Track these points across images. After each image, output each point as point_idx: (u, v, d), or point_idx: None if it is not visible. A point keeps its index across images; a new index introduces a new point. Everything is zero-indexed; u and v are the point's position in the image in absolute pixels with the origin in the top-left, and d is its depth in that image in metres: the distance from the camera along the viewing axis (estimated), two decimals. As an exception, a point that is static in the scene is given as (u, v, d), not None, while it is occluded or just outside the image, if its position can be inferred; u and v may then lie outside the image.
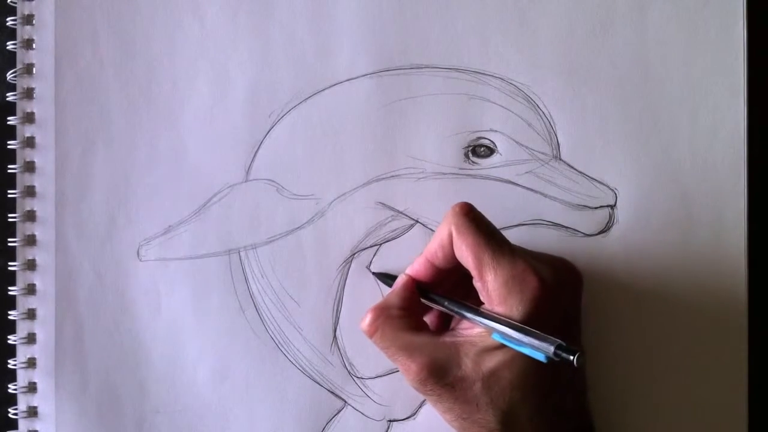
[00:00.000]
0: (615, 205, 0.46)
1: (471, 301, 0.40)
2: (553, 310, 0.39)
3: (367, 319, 0.41)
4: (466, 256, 0.39)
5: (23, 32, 0.47)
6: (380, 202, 0.46)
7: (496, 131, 0.46)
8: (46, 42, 0.47)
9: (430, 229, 0.46)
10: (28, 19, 0.47)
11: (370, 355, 0.46)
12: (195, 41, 0.47)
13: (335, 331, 0.46)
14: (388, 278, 0.45)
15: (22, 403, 0.46)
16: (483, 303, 0.40)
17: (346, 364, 0.46)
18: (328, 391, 0.46)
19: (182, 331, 0.46)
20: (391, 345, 0.40)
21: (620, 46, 0.47)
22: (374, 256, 0.46)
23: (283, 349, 0.46)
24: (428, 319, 0.43)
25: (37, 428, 0.46)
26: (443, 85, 0.47)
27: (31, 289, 0.46)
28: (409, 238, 0.46)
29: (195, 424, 0.46)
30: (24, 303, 0.46)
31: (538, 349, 0.36)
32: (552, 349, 0.36)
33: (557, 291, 0.39)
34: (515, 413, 0.38)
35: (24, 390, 0.46)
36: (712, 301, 0.46)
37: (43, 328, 0.46)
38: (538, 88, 0.47)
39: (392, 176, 0.46)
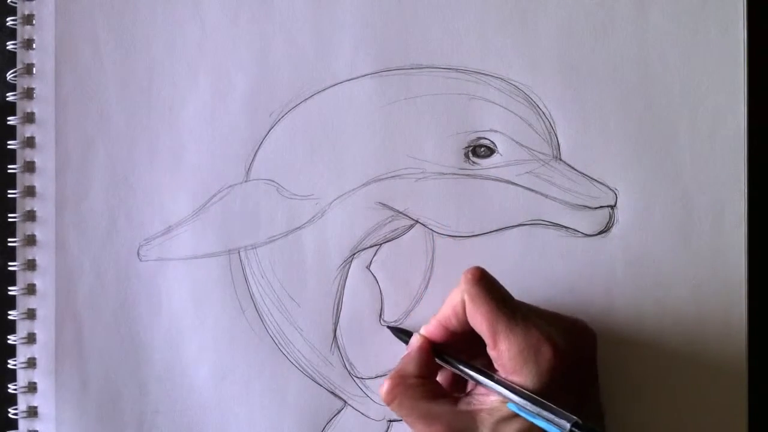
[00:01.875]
0: (615, 205, 0.46)
1: (486, 362, 0.40)
2: (569, 376, 0.39)
3: (385, 387, 0.40)
4: (479, 324, 0.39)
5: (23, 32, 0.47)
6: (380, 202, 0.46)
7: (496, 131, 0.46)
8: (46, 42, 0.47)
9: (430, 229, 0.46)
10: (28, 19, 0.47)
11: (370, 355, 0.46)
12: (195, 41, 0.47)
13: (335, 331, 0.46)
14: (402, 333, 0.45)
15: (22, 403, 0.46)
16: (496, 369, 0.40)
17: (346, 364, 0.46)
18: (328, 391, 0.46)
19: (182, 331, 0.46)
20: (409, 413, 0.40)
21: (620, 46, 0.47)
22: (374, 256, 0.46)
23: (283, 349, 0.46)
24: (441, 377, 0.43)
25: (37, 428, 0.46)
26: (443, 85, 0.47)
27: (31, 289, 0.46)
28: (409, 238, 0.46)
29: (195, 424, 0.46)
30: (24, 303, 0.46)
31: (554, 423, 0.36)
32: (568, 426, 0.36)
33: (572, 357, 0.39)
34: None
35: (24, 390, 0.46)
36: (712, 300, 0.46)
37: (43, 328, 0.46)
38: (538, 88, 0.47)
39: (392, 176, 0.46)
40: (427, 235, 0.46)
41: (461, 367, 0.41)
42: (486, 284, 0.39)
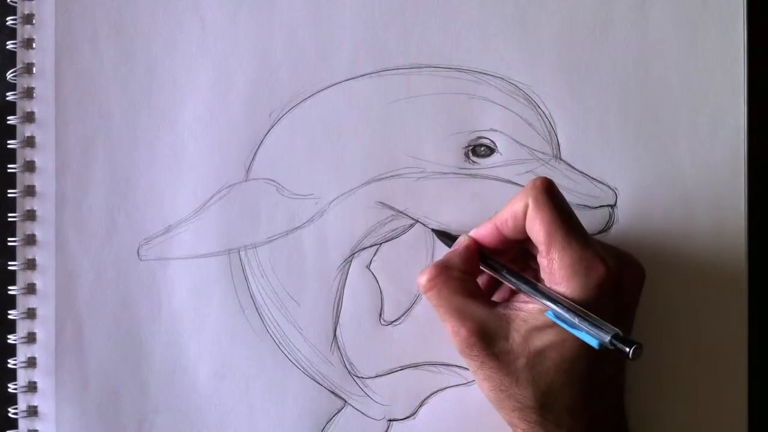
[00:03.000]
0: (615, 205, 0.46)
1: (528, 276, 0.40)
2: (614, 299, 0.39)
3: (426, 275, 0.41)
4: (537, 230, 0.39)
5: (23, 32, 0.47)
6: (380, 202, 0.46)
7: (496, 131, 0.46)
8: (46, 42, 0.47)
9: (430, 229, 0.46)
10: (28, 19, 0.47)
11: (370, 354, 0.46)
12: (195, 41, 0.47)
13: (335, 330, 0.46)
14: (446, 237, 0.45)
15: (22, 403, 0.46)
16: (541, 281, 0.40)
17: (346, 364, 0.46)
18: (328, 390, 0.46)
19: (182, 331, 0.46)
20: (446, 305, 0.40)
21: (620, 46, 0.47)
22: (374, 255, 0.46)
23: (283, 349, 0.46)
24: (480, 284, 0.43)
25: (37, 428, 0.46)
26: (443, 85, 0.47)
27: (31, 289, 0.46)
28: (409, 237, 0.46)
29: (195, 424, 0.46)
30: (24, 303, 0.46)
31: (593, 335, 0.36)
32: (608, 337, 0.35)
33: (621, 282, 0.39)
34: (554, 396, 0.38)
35: (24, 390, 0.46)
36: (712, 300, 0.46)
37: (43, 328, 0.46)
38: (538, 88, 0.47)
39: (392, 176, 0.46)
40: (427, 234, 0.46)
41: (505, 273, 0.41)
42: (553, 193, 0.40)
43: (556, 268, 0.39)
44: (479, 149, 0.46)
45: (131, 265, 0.46)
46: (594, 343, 0.36)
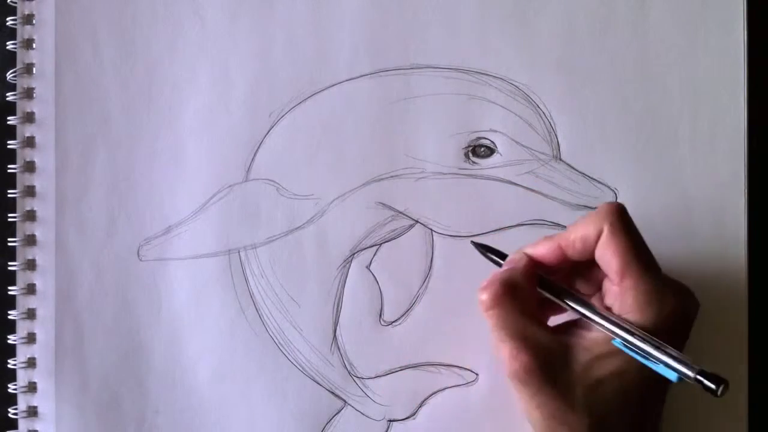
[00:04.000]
0: (615, 205, 0.46)
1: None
2: (680, 331, 0.39)
3: (490, 293, 0.39)
4: (611, 257, 0.38)
5: (23, 32, 0.47)
6: (380, 202, 0.46)
7: (496, 131, 0.46)
8: (46, 42, 0.47)
9: (430, 229, 0.46)
10: (28, 19, 0.47)
11: (370, 355, 0.46)
12: (195, 41, 0.47)
13: (335, 331, 0.46)
14: (492, 253, 0.43)
15: (22, 403, 0.46)
16: (607, 307, 0.39)
17: (346, 364, 0.46)
18: (328, 391, 0.46)
19: (182, 331, 0.46)
20: (506, 327, 0.38)
21: (620, 46, 0.47)
22: (374, 256, 0.46)
23: (283, 349, 0.46)
24: None
25: (37, 428, 0.46)
26: (443, 85, 0.47)
27: (31, 289, 0.46)
28: (409, 238, 0.46)
29: (195, 424, 0.46)
30: (24, 303, 0.46)
31: (673, 368, 0.36)
32: (693, 373, 0.35)
33: (687, 314, 0.39)
34: (609, 424, 0.38)
35: (24, 390, 0.46)
36: (712, 301, 0.46)
37: (43, 328, 0.46)
38: (538, 88, 0.47)
39: (392, 176, 0.46)
40: (426, 235, 0.46)
41: (568, 300, 0.39)
42: (628, 220, 0.39)
43: (630, 296, 0.38)
44: (479, 150, 0.46)
45: (131, 265, 0.46)
46: (673, 377, 0.36)
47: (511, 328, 0.38)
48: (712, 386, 0.34)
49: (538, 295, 0.41)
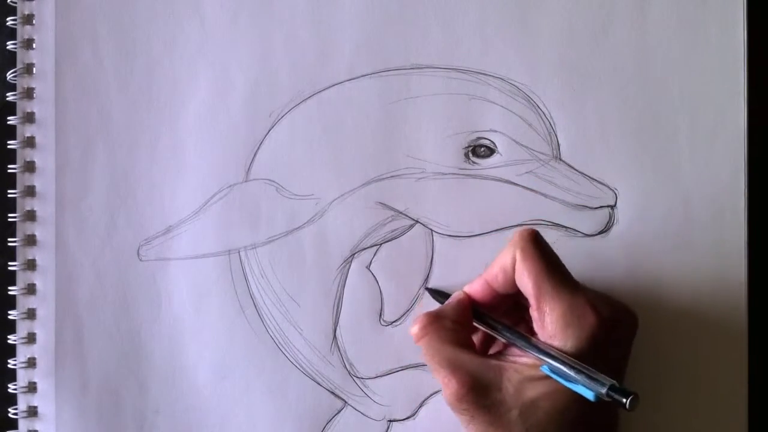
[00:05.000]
0: (615, 205, 0.46)
1: (522, 329, 0.40)
2: (607, 349, 0.39)
3: (418, 324, 0.41)
4: (526, 282, 0.39)
5: (23, 32, 0.47)
6: (380, 202, 0.46)
7: (496, 131, 0.46)
8: (46, 42, 0.47)
9: (430, 229, 0.46)
10: (28, 19, 0.47)
11: (370, 355, 0.46)
12: (195, 41, 0.47)
13: (335, 331, 0.46)
14: (440, 296, 0.45)
15: (22, 403, 0.46)
16: (535, 333, 0.40)
17: (346, 364, 0.46)
18: (328, 391, 0.46)
19: (182, 331, 0.46)
20: (436, 355, 0.40)
21: (620, 46, 0.47)
22: (374, 256, 0.46)
23: (283, 349, 0.46)
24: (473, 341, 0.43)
25: (37, 428, 0.46)
26: (443, 85, 0.47)
27: (31, 289, 0.46)
28: (409, 238, 0.46)
29: (195, 424, 0.46)
30: (24, 303, 0.46)
31: (589, 387, 0.36)
32: (605, 389, 0.35)
33: (613, 330, 0.39)
34: None
35: (24, 390, 0.46)
36: (712, 301, 0.46)
37: (43, 328, 0.46)
38: (538, 88, 0.47)
39: (392, 176, 0.46)
40: (426, 235, 0.46)
41: (500, 328, 0.41)
42: (539, 245, 0.39)
43: (547, 321, 0.38)
44: (479, 150, 0.46)
45: (131, 266, 0.46)
46: (590, 395, 0.36)
47: (440, 356, 0.39)
48: (622, 400, 0.35)
49: (479, 331, 0.42)
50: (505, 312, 0.43)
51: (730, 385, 0.46)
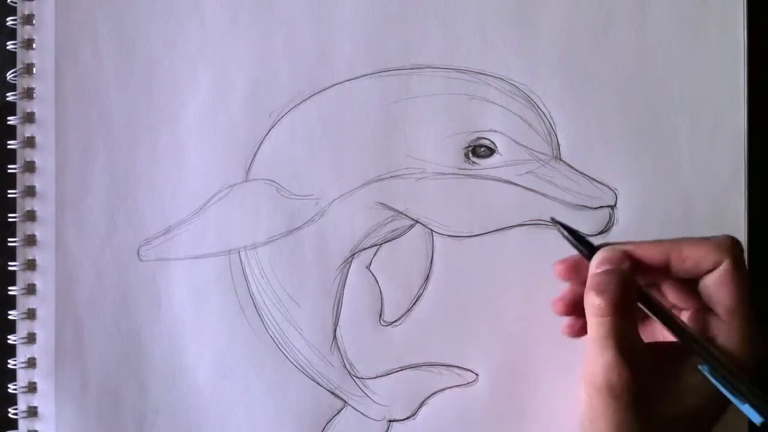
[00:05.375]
0: (615, 205, 0.46)
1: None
2: (765, 377, 0.38)
3: (609, 297, 0.36)
4: (727, 293, 0.38)
5: (23, 32, 0.47)
6: (380, 202, 0.46)
7: (496, 131, 0.46)
8: (46, 42, 0.47)
9: (430, 229, 0.46)
10: (28, 19, 0.47)
11: (370, 355, 0.46)
12: (195, 41, 0.47)
13: (335, 331, 0.46)
14: (575, 237, 0.40)
15: (22, 403, 0.46)
16: (699, 331, 0.39)
17: (346, 364, 0.46)
18: (328, 391, 0.46)
19: (182, 331, 0.46)
20: (617, 338, 0.36)
21: (620, 46, 0.47)
22: (374, 256, 0.46)
23: (283, 349, 0.46)
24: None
25: (37, 428, 0.46)
26: (443, 85, 0.47)
27: (31, 289, 0.46)
28: (409, 238, 0.46)
29: (195, 424, 0.46)
30: (24, 303, 0.46)
31: (759, 410, 0.35)
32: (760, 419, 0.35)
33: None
34: None
35: (24, 390, 0.46)
36: (712, 301, 0.46)
37: (43, 328, 0.46)
38: (538, 88, 0.47)
39: (392, 176, 0.46)
40: (426, 235, 0.46)
41: (671, 321, 0.38)
42: (744, 261, 0.38)
43: (735, 335, 0.37)
44: (479, 150, 0.46)
45: (131, 266, 0.46)
46: (757, 420, 0.35)
47: (621, 340, 0.36)
48: None
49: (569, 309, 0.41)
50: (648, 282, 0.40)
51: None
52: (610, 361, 0.36)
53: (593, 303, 0.37)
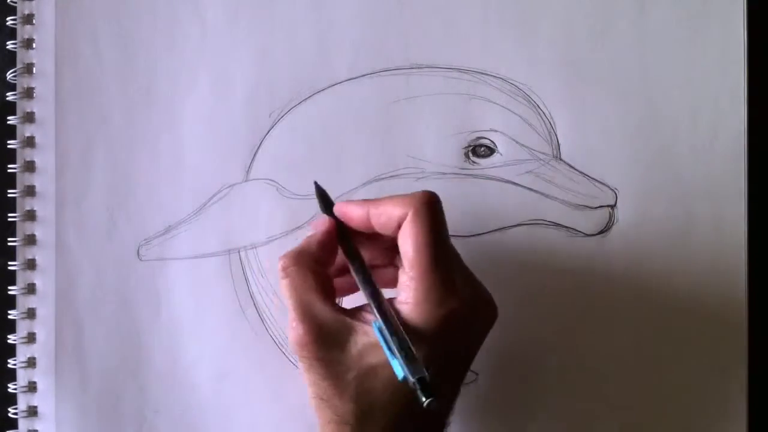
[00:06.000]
0: (615, 205, 0.46)
1: (389, 273, 0.40)
2: (458, 335, 0.38)
3: (282, 262, 0.39)
4: (407, 243, 0.38)
5: (23, 32, 0.47)
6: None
7: (496, 131, 0.46)
8: (46, 42, 0.47)
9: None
10: (28, 19, 0.47)
11: (370, 355, 0.46)
12: (195, 41, 0.47)
13: (335, 331, 0.46)
14: (324, 202, 0.43)
15: (22, 403, 0.46)
16: (397, 293, 0.39)
17: (346, 364, 0.46)
18: (328, 391, 0.46)
19: (182, 331, 0.46)
20: (292, 297, 0.39)
21: (620, 45, 0.47)
22: (374, 256, 0.46)
23: (283, 349, 0.46)
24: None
25: (37, 428, 0.46)
26: (443, 85, 0.47)
27: (31, 289, 0.46)
28: (409, 238, 0.46)
29: (195, 424, 0.46)
30: (24, 303, 0.46)
31: (402, 366, 0.35)
32: (413, 378, 0.34)
33: (470, 320, 0.39)
34: (372, 416, 0.37)
35: (24, 390, 0.46)
36: (712, 301, 0.46)
37: (43, 328, 0.46)
38: (538, 88, 0.47)
39: (392, 176, 0.46)
40: (427, 235, 0.46)
41: (357, 265, 0.39)
42: (435, 211, 0.38)
43: (411, 289, 0.37)
44: (479, 149, 0.46)
45: (131, 265, 0.46)
46: (399, 375, 0.35)
47: (295, 300, 0.38)
48: (422, 398, 0.34)
49: (335, 273, 0.41)
50: (378, 251, 0.41)
51: (729, 384, 0.46)
52: (289, 321, 0.39)
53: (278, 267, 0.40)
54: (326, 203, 0.43)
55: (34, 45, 0.47)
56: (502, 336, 0.46)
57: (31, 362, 0.46)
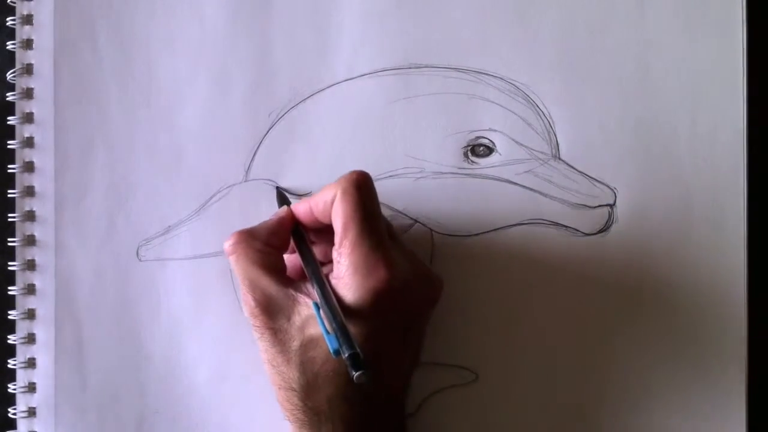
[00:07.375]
0: (614, 205, 0.46)
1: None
2: (392, 309, 0.39)
3: (230, 240, 0.41)
4: (336, 222, 0.39)
5: (23, 32, 0.47)
6: (380, 202, 0.46)
7: (495, 131, 0.46)
8: (45, 42, 0.47)
9: (429, 229, 0.46)
10: (28, 19, 0.47)
11: (369, 355, 0.46)
12: (195, 41, 0.47)
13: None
14: (283, 200, 0.45)
15: (22, 403, 0.46)
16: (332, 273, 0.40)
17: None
18: (328, 391, 0.46)
19: (182, 331, 0.46)
20: (241, 272, 0.40)
21: (620, 45, 0.47)
22: (374, 256, 0.46)
23: (282, 349, 0.46)
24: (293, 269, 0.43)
25: (37, 428, 0.46)
26: (443, 85, 0.47)
27: (31, 289, 0.46)
28: (408, 237, 0.46)
29: (195, 425, 0.46)
30: (24, 303, 0.46)
31: (337, 342, 0.36)
32: (346, 353, 0.35)
33: (403, 295, 0.39)
34: (318, 385, 0.38)
35: (24, 390, 0.46)
36: (712, 300, 0.46)
37: (43, 328, 0.46)
38: (537, 87, 0.47)
39: (391, 176, 0.46)
40: (426, 234, 0.46)
41: (303, 248, 0.41)
42: (361, 188, 0.39)
43: (342, 262, 0.39)
44: (478, 149, 0.46)
45: (131, 266, 0.47)
46: (332, 349, 0.36)
47: (244, 275, 0.40)
48: (353, 372, 0.34)
49: (292, 252, 0.42)
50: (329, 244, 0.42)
51: (729, 383, 0.46)
52: (242, 296, 0.41)
53: (224, 247, 0.41)
54: (283, 202, 0.45)
55: (33, 45, 0.47)
56: (501, 336, 0.46)
57: (30, 363, 0.46)
